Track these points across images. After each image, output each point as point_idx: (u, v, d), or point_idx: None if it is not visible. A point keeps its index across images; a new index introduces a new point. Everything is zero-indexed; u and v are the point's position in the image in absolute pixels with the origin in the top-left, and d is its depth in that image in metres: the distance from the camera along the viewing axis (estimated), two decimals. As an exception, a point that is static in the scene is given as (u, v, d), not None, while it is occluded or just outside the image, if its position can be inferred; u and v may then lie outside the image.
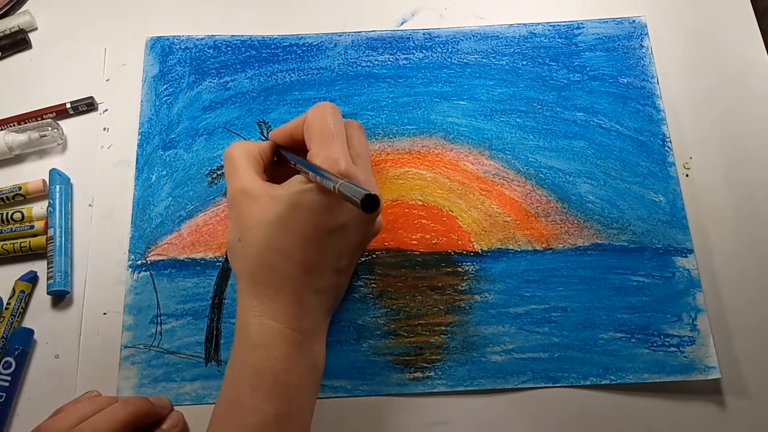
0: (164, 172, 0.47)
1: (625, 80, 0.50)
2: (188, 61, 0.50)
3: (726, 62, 0.51)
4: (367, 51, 0.51)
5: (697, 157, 0.48)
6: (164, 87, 0.50)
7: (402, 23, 0.52)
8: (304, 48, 0.51)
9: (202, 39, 0.51)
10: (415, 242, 0.45)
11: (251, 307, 0.36)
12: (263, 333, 0.35)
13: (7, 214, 0.46)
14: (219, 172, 0.47)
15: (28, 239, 0.45)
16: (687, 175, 0.48)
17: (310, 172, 0.35)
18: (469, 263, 0.45)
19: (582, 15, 0.52)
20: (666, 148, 0.48)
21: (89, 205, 0.47)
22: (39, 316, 0.44)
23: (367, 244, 0.40)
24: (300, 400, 0.35)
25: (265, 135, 0.49)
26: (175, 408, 0.42)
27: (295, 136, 0.39)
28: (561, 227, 0.46)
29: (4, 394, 0.42)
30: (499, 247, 0.45)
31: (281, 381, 0.35)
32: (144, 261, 0.45)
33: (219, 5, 0.53)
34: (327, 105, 0.38)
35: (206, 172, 0.47)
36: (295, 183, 0.35)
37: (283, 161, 0.40)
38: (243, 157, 0.38)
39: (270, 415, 0.34)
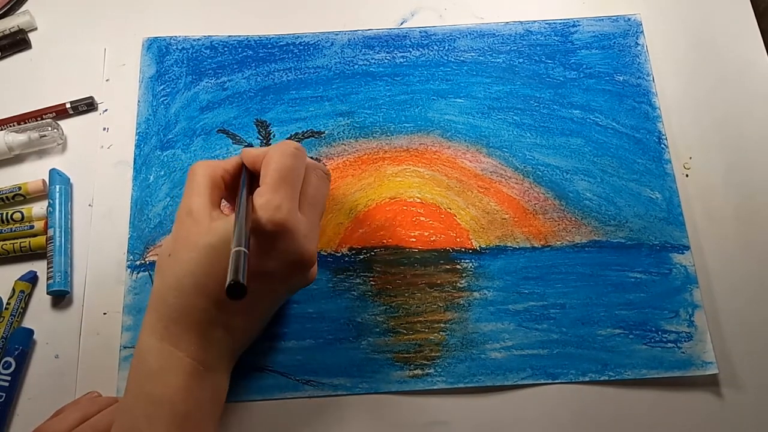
0: (162, 173, 0.48)
1: (621, 78, 0.50)
2: (185, 62, 0.51)
3: (726, 62, 0.51)
4: (363, 49, 0.51)
5: (696, 157, 0.48)
6: (161, 87, 0.50)
7: (402, 23, 0.52)
8: (301, 47, 0.51)
9: (198, 39, 0.51)
10: (414, 239, 0.46)
11: (155, 329, 0.35)
12: (163, 359, 0.34)
13: (7, 214, 0.46)
14: (217, 172, 0.48)
15: (28, 239, 0.45)
16: (687, 175, 0.48)
17: (236, 213, 0.34)
18: (467, 260, 0.45)
19: (581, 13, 0.52)
20: (662, 145, 0.48)
21: (89, 205, 0.47)
22: (39, 316, 0.45)
23: (294, 292, 0.40)
24: (199, 431, 0.35)
25: (263, 135, 0.49)
26: None
27: (256, 168, 0.38)
28: (559, 224, 0.46)
29: (4, 394, 0.42)
30: (498, 244, 0.46)
31: (180, 412, 0.34)
32: (143, 261, 0.45)
33: (219, 5, 0.53)
34: (290, 145, 0.37)
35: (205, 172, 0.48)
36: (230, 219, 0.35)
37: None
38: (203, 176, 0.37)
39: None
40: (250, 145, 0.48)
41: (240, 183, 0.38)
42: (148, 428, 0.33)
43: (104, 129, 0.49)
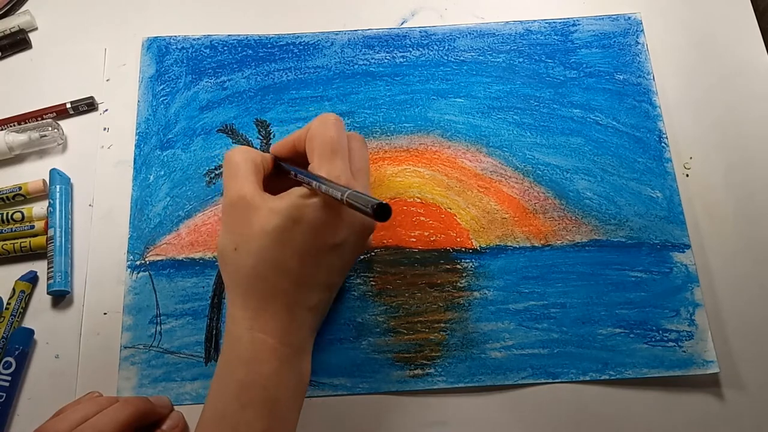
0: (162, 173, 0.48)
1: (621, 77, 0.50)
2: (185, 61, 0.51)
3: (726, 62, 0.51)
4: (363, 49, 0.51)
5: (697, 156, 0.48)
6: (161, 87, 0.50)
7: (402, 23, 0.52)
8: (301, 47, 0.51)
9: (198, 39, 0.51)
10: (414, 239, 0.46)
11: (242, 318, 0.35)
12: (254, 347, 0.35)
13: (7, 214, 0.46)
14: (217, 172, 0.48)
15: (28, 239, 0.46)
16: (687, 175, 0.48)
17: (316, 183, 0.34)
18: (467, 260, 0.45)
19: (581, 12, 0.52)
20: (662, 144, 0.48)
21: (89, 205, 0.47)
22: (39, 316, 0.45)
23: (355, 261, 0.40)
24: (287, 416, 0.35)
25: (263, 134, 0.49)
26: (176, 408, 0.42)
27: (298, 148, 0.38)
28: (559, 223, 0.46)
29: (4, 394, 0.42)
30: (498, 243, 0.46)
31: (270, 397, 0.34)
32: (143, 261, 0.45)
33: (219, 5, 0.53)
34: (330, 117, 0.37)
35: (204, 172, 0.48)
36: (295, 196, 0.35)
37: (282, 174, 0.39)
38: (246, 162, 0.37)
39: (259, 430, 0.34)
40: (250, 144, 0.48)
41: (291, 171, 0.38)
42: (239, 413, 0.34)
43: (104, 129, 0.49)
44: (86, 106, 0.49)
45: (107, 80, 0.51)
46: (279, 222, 0.34)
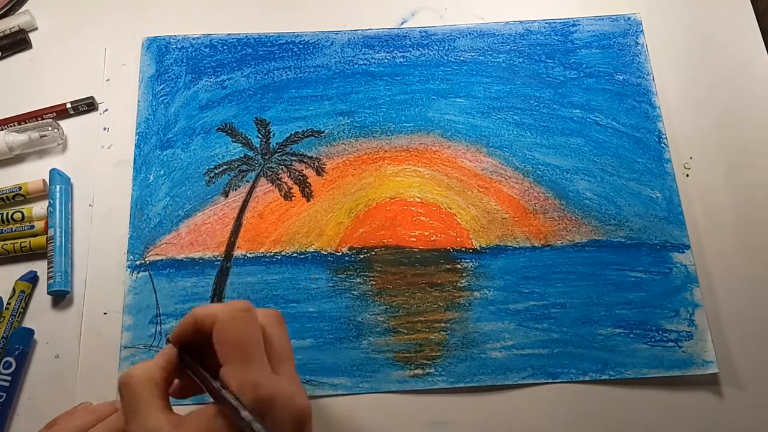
0: (162, 172, 0.48)
1: (621, 77, 0.50)
2: (185, 61, 0.51)
3: (726, 62, 0.51)
4: (363, 49, 0.51)
5: (697, 157, 0.48)
6: (161, 87, 0.50)
7: (402, 23, 0.52)
8: (301, 46, 0.51)
9: (198, 38, 0.51)
10: (414, 239, 0.46)
11: None
12: None
13: (7, 214, 0.46)
14: (217, 171, 0.48)
15: (28, 239, 0.45)
16: (687, 175, 0.48)
17: (223, 405, 0.30)
18: (468, 260, 0.45)
19: (580, 12, 0.52)
20: (662, 144, 0.48)
21: (89, 205, 0.47)
22: (39, 316, 0.45)
23: None
24: None
25: (263, 133, 0.49)
26: (176, 408, 0.41)
27: (202, 330, 0.32)
28: (559, 224, 0.46)
29: (4, 394, 0.42)
30: (498, 243, 0.46)
31: None
32: (143, 261, 0.45)
33: (219, 4, 0.53)
34: (239, 308, 0.32)
35: (204, 171, 0.48)
36: (206, 417, 0.30)
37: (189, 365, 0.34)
38: (144, 385, 0.32)
39: None
40: (249, 142, 0.48)
41: (194, 377, 0.33)
42: None
43: (104, 129, 0.49)
44: (86, 106, 0.49)
45: (107, 80, 0.51)
46: None
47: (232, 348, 0.31)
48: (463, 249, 0.45)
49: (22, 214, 0.46)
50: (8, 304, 0.44)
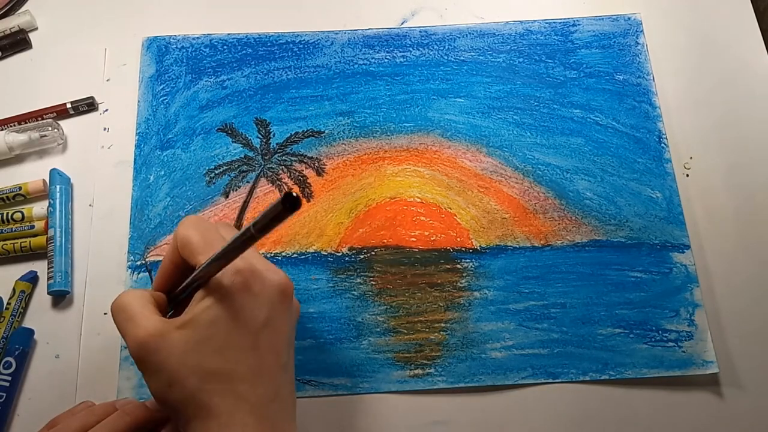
0: (162, 173, 0.48)
1: (621, 77, 0.50)
2: (185, 61, 0.51)
3: (726, 62, 0.51)
4: (363, 49, 0.51)
5: (697, 157, 0.48)
6: (161, 87, 0.50)
7: (402, 23, 0.52)
8: (301, 46, 0.51)
9: (198, 38, 0.51)
10: (414, 239, 0.46)
11: None
12: None
13: (7, 214, 0.46)
14: (217, 172, 0.48)
15: (28, 239, 0.45)
16: (687, 175, 0.48)
17: (224, 257, 0.31)
18: (468, 260, 0.45)
19: (581, 12, 0.52)
20: (662, 144, 0.48)
21: (89, 205, 0.47)
22: (39, 316, 0.45)
23: (295, 332, 0.36)
24: None
25: (263, 133, 0.49)
26: None
27: (176, 262, 0.35)
28: (559, 224, 0.46)
29: (4, 394, 0.42)
30: (498, 243, 0.46)
31: None
32: (143, 261, 0.45)
33: (219, 3, 0.53)
34: (192, 217, 0.35)
35: (204, 172, 0.48)
36: (198, 302, 0.32)
37: (184, 302, 0.35)
38: (135, 301, 0.34)
39: None
40: (249, 142, 0.48)
41: (186, 285, 0.35)
42: None
43: (104, 129, 0.49)
44: (86, 106, 0.49)
45: (107, 80, 0.51)
46: (196, 336, 0.32)
47: (196, 243, 0.33)
48: (463, 249, 0.45)
49: (22, 214, 0.46)
50: (8, 304, 0.44)
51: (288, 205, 0.26)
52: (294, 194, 0.26)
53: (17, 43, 0.51)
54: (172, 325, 0.32)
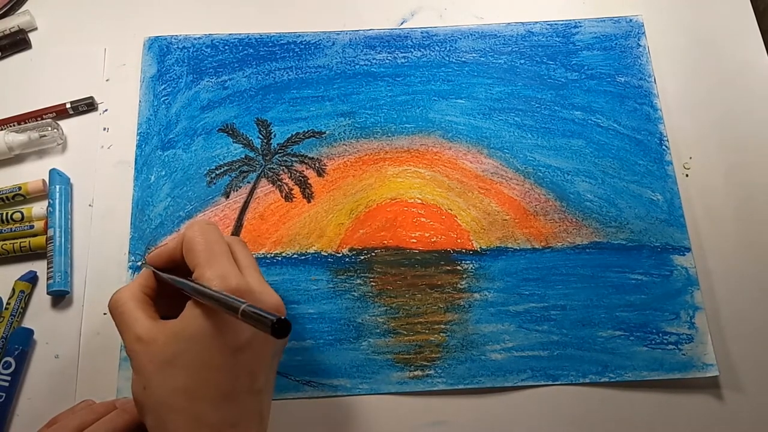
0: (163, 173, 0.48)
1: (623, 79, 0.50)
2: (186, 61, 0.50)
3: (726, 62, 0.51)
4: (365, 49, 0.51)
5: (696, 157, 0.48)
6: (162, 87, 0.50)
7: (402, 23, 0.52)
8: (302, 46, 0.51)
9: (199, 38, 0.51)
10: (415, 240, 0.46)
11: None
12: None
13: (7, 214, 0.46)
14: (218, 172, 0.48)
15: (28, 239, 0.45)
16: (687, 175, 0.48)
17: (204, 298, 0.32)
18: (468, 261, 0.45)
19: (582, 14, 0.52)
20: (663, 146, 0.48)
21: (89, 205, 0.47)
22: (39, 316, 0.44)
23: (280, 356, 0.37)
24: None
25: (264, 134, 0.49)
26: None
27: (175, 259, 0.36)
28: (560, 225, 0.46)
29: (4, 394, 0.42)
30: (498, 245, 0.46)
31: None
32: (143, 262, 0.45)
33: (220, 3, 0.53)
34: (203, 222, 0.36)
35: (205, 172, 0.48)
36: (189, 310, 0.33)
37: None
38: (129, 302, 0.35)
39: None
40: (250, 143, 0.48)
41: (174, 284, 0.35)
42: None
43: (104, 129, 0.49)
44: (86, 106, 0.49)
45: (107, 80, 0.51)
46: (178, 347, 0.32)
47: (200, 251, 0.34)
48: (464, 250, 0.45)
49: (22, 214, 0.46)
50: (8, 304, 0.44)
51: (276, 332, 0.27)
52: (287, 323, 0.27)
53: (17, 43, 0.51)
54: (160, 332, 0.33)
